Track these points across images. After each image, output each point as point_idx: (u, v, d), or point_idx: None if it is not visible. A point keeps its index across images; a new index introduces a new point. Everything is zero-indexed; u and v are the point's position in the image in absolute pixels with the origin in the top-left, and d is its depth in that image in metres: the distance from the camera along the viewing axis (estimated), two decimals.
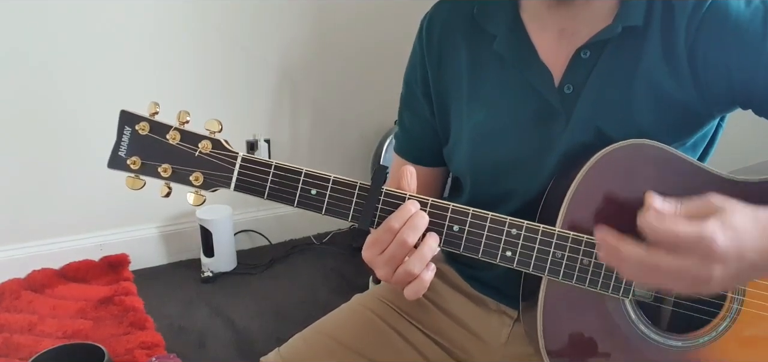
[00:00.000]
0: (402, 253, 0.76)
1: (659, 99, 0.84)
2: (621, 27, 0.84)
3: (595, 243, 0.79)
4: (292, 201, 0.79)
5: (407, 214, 0.77)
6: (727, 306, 0.82)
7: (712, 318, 0.83)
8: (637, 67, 0.84)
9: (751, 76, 0.81)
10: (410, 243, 0.76)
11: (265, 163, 0.78)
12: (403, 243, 0.76)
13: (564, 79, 0.87)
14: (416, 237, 0.76)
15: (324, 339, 1.00)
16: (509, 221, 0.80)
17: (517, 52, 0.90)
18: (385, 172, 0.79)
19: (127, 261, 2.22)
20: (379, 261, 0.78)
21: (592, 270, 0.80)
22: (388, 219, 0.77)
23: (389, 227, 0.76)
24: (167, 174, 0.78)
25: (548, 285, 0.83)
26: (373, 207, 0.78)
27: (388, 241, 0.77)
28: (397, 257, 0.76)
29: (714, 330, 0.82)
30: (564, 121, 0.87)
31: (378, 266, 0.78)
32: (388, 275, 0.78)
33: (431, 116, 1.00)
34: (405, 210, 0.77)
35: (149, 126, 0.78)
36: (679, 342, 0.83)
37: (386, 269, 0.78)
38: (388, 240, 0.77)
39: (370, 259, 0.79)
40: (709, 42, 0.82)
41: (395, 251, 0.76)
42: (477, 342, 1.01)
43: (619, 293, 0.81)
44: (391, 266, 0.77)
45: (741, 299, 0.81)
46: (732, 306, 0.81)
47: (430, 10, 1.00)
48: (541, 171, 0.89)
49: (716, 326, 0.82)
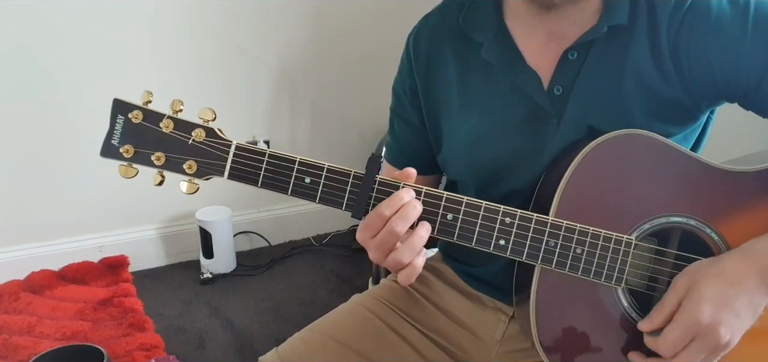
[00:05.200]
0: (392, 241, 0.77)
1: (647, 94, 0.85)
2: (606, 27, 0.85)
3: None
4: (286, 190, 0.79)
5: (399, 202, 0.77)
6: None
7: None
8: (624, 64, 0.86)
9: (733, 71, 0.82)
10: (399, 233, 0.77)
11: (260, 150, 0.79)
12: (392, 231, 0.77)
13: (553, 81, 0.89)
14: (405, 227, 0.77)
15: (322, 338, 1.00)
16: (503, 209, 0.80)
17: (504, 58, 0.91)
18: (379, 161, 0.80)
19: (127, 262, 2.22)
20: (370, 244, 0.79)
21: (585, 258, 0.81)
22: (379, 205, 0.78)
23: (380, 214, 0.77)
24: (160, 162, 0.78)
25: (541, 275, 0.84)
26: (366, 195, 0.79)
27: (379, 228, 0.78)
28: (387, 244, 0.78)
29: None
30: (555, 121, 0.88)
31: (370, 249, 0.80)
32: (380, 259, 0.79)
33: (421, 125, 1.02)
34: (397, 198, 0.78)
35: (142, 114, 0.78)
36: None
37: (377, 253, 0.79)
38: (378, 226, 0.78)
39: (363, 241, 0.80)
40: (690, 39, 0.83)
41: (385, 238, 0.77)
42: (473, 339, 1.02)
43: (611, 282, 0.82)
44: (382, 252, 0.78)
45: None
46: None
47: (416, 26, 1.03)
48: (536, 171, 0.90)
49: None
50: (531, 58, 0.90)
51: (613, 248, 0.81)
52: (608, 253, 0.81)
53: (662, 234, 0.84)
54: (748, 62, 0.81)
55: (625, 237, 0.81)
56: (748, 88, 0.83)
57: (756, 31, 0.81)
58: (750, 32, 0.81)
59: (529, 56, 0.90)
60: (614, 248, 0.81)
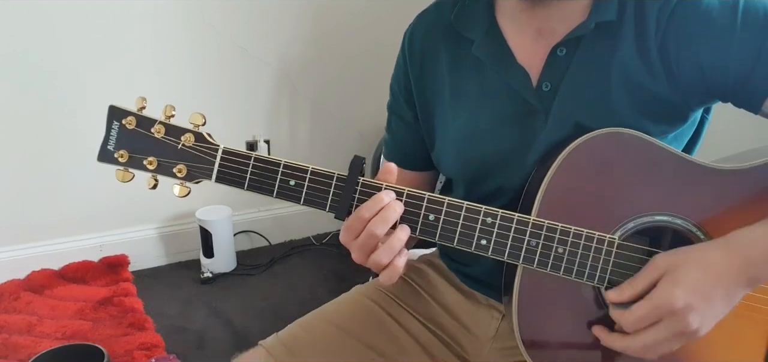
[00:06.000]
0: (372, 243, 0.79)
1: (635, 91, 0.85)
2: (594, 23, 0.85)
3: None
4: (272, 192, 0.81)
5: (379, 205, 0.78)
6: None
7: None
8: (612, 61, 0.85)
9: (722, 66, 0.82)
10: (379, 235, 0.78)
11: (245, 154, 0.81)
12: (372, 234, 0.78)
13: (542, 78, 0.89)
14: (385, 230, 0.78)
15: (322, 324, 1.02)
16: (484, 210, 0.81)
17: (494, 55, 0.92)
18: (361, 163, 0.81)
19: (127, 261, 2.23)
20: (353, 246, 0.80)
21: (567, 258, 0.81)
22: (360, 208, 0.79)
23: (360, 216, 0.79)
24: (153, 166, 0.81)
25: (524, 274, 0.84)
26: (349, 197, 0.80)
27: (359, 230, 0.79)
28: (368, 246, 0.79)
29: None
30: (543, 118, 0.89)
31: (352, 250, 0.81)
32: (362, 260, 0.80)
33: (416, 122, 1.02)
34: (377, 201, 0.79)
35: (136, 120, 0.81)
36: None
37: (358, 254, 0.80)
38: (359, 228, 0.79)
39: (346, 243, 0.82)
40: (679, 35, 0.83)
41: (365, 240, 0.78)
42: (468, 335, 1.03)
43: (594, 281, 0.82)
44: (364, 253, 0.80)
45: None
46: None
47: (412, 23, 1.03)
48: (525, 168, 0.90)
49: None
50: (521, 55, 0.90)
51: (596, 248, 0.81)
52: (590, 253, 0.81)
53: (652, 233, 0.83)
54: (736, 57, 0.81)
55: (608, 237, 0.81)
56: (737, 84, 0.82)
57: (745, 26, 0.80)
58: (739, 27, 0.80)
59: (519, 53, 0.91)
60: (596, 248, 0.81)
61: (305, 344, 0.99)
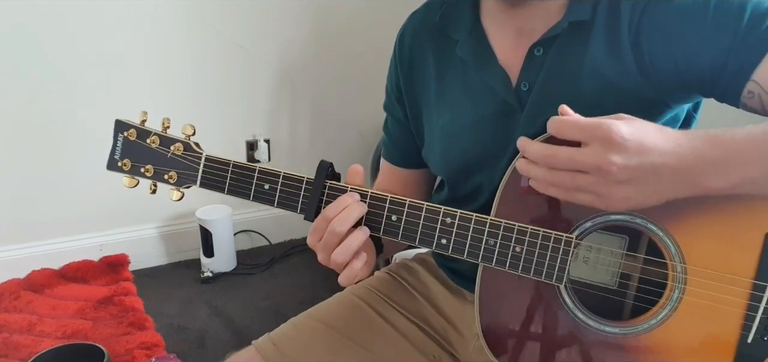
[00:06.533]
0: (334, 242, 0.82)
1: (606, 89, 0.85)
2: (567, 22, 0.86)
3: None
4: (248, 195, 0.88)
5: (342, 205, 0.82)
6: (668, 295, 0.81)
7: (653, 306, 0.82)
8: (583, 59, 0.86)
9: (695, 56, 0.81)
10: (340, 233, 0.81)
11: (224, 161, 0.89)
12: (333, 232, 0.81)
13: (521, 77, 0.90)
14: (345, 227, 0.81)
15: (312, 323, 1.04)
16: (443, 210, 0.83)
17: (476, 55, 0.93)
18: (327, 166, 0.86)
19: (127, 261, 2.23)
20: (318, 247, 0.84)
21: (525, 257, 0.82)
22: (325, 209, 0.83)
23: (324, 216, 0.83)
24: (149, 174, 0.91)
25: (484, 272, 0.86)
26: (316, 199, 0.85)
27: (323, 230, 0.82)
28: (330, 245, 0.82)
29: (654, 317, 0.81)
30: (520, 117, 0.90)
31: (318, 251, 0.84)
32: (326, 260, 0.84)
33: (407, 120, 1.04)
34: (340, 202, 0.83)
35: (136, 132, 0.91)
36: (617, 328, 0.83)
37: (322, 254, 0.84)
38: (323, 228, 0.82)
39: (312, 245, 0.85)
40: (651, 29, 0.83)
41: (328, 239, 0.82)
42: (454, 333, 1.05)
43: (552, 279, 0.82)
44: (327, 252, 0.83)
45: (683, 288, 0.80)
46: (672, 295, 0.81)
47: (404, 23, 1.05)
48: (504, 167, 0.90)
49: (656, 313, 0.81)
50: (502, 55, 0.92)
51: (553, 247, 0.81)
52: (547, 252, 0.81)
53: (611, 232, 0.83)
54: (710, 48, 0.80)
55: (565, 236, 0.81)
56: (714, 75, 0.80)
57: (717, 17, 0.79)
58: (711, 18, 0.79)
59: (500, 53, 0.92)
60: (554, 247, 0.81)
61: (295, 342, 1.01)
